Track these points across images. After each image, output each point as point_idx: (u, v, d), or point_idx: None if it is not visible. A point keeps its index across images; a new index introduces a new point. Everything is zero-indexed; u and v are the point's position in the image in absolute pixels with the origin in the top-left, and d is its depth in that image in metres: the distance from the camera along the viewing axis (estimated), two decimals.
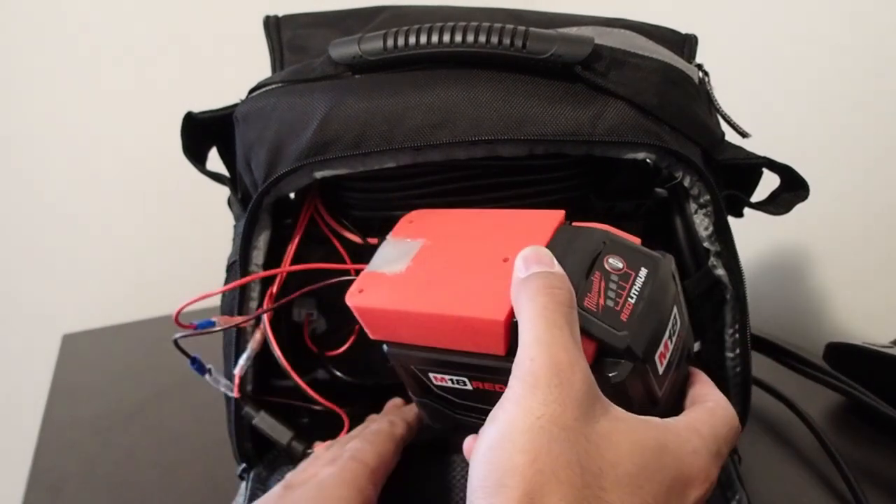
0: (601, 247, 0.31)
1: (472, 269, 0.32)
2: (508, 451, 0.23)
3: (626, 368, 0.28)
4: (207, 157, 0.43)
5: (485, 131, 0.34)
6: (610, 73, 0.35)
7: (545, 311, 0.26)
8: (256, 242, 0.39)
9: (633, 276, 0.30)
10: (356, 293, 0.34)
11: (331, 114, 0.35)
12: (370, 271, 0.35)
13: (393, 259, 0.35)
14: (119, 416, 0.61)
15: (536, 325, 0.26)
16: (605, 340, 0.28)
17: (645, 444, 0.24)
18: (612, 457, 0.23)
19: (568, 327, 0.26)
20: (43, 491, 0.51)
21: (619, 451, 0.24)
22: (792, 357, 0.52)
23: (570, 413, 0.23)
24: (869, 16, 0.59)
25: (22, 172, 0.93)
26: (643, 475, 0.24)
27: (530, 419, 0.23)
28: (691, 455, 0.25)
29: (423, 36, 0.36)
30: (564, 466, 0.22)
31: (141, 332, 0.81)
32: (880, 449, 0.48)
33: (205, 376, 0.39)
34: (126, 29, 0.93)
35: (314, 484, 0.34)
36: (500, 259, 0.32)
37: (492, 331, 0.29)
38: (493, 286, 0.30)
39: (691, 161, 0.35)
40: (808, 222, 0.67)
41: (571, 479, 0.22)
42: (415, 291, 0.33)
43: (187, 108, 0.41)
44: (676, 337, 0.31)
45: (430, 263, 0.34)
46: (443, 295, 0.32)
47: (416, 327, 0.33)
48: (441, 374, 0.34)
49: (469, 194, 0.39)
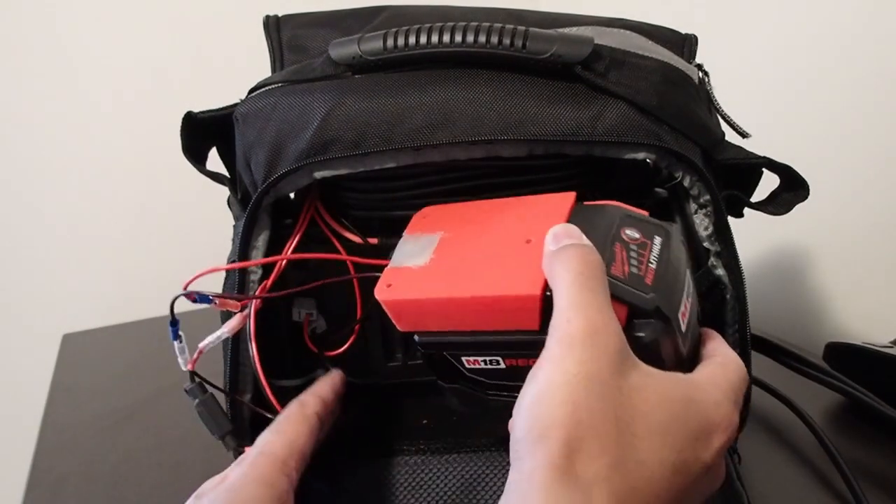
0: (616, 220, 0.33)
1: (497, 252, 0.33)
2: (548, 405, 0.25)
3: (656, 328, 0.30)
4: (207, 157, 0.43)
5: (485, 131, 0.34)
6: (610, 74, 0.35)
7: (580, 277, 0.28)
8: (255, 242, 0.39)
9: (649, 245, 0.32)
10: (384, 288, 0.34)
11: (331, 114, 0.35)
12: (393, 267, 0.36)
13: (414, 253, 0.36)
14: (119, 416, 0.61)
15: (572, 290, 0.27)
16: (634, 303, 0.30)
17: (673, 397, 0.26)
18: (644, 408, 0.25)
19: (602, 291, 0.28)
20: (43, 491, 0.51)
21: (650, 402, 0.26)
22: (792, 357, 0.52)
23: (604, 369, 0.25)
24: (869, 15, 0.59)
25: (22, 173, 0.94)
26: (672, 424, 0.26)
27: (568, 375, 0.25)
28: (714, 406, 0.27)
29: (423, 36, 0.36)
30: (601, 417, 0.24)
31: (141, 332, 0.81)
32: (880, 449, 0.48)
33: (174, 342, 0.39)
34: (126, 29, 0.93)
35: (222, 489, 0.32)
36: (522, 241, 0.33)
37: (528, 306, 0.30)
38: (522, 265, 0.31)
39: (691, 161, 0.35)
40: (808, 222, 0.67)
41: (607, 429, 0.24)
42: (444, 279, 0.33)
43: (187, 108, 0.41)
44: (692, 298, 0.33)
45: (453, 252, 0.35)
46: (473, 279, 0.32)
47: (449, 314, 0.33)
48: (474, 356, 0.34)
49: (469, 194, 0.39)
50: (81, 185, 0.96)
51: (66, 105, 0.93)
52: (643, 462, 0.24)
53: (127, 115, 0.95)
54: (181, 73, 0.96)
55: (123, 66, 0.94)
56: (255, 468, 0.33)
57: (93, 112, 0.94)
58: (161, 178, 0.94)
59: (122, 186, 0.98)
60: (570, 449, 0.24)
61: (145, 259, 1.02)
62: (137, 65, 0.94)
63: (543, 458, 0.24)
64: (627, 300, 0.30)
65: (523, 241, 0.33)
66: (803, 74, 0.66)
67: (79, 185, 0.96)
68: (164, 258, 1.02)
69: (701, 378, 0.29)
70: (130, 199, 0.99)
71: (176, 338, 0.38)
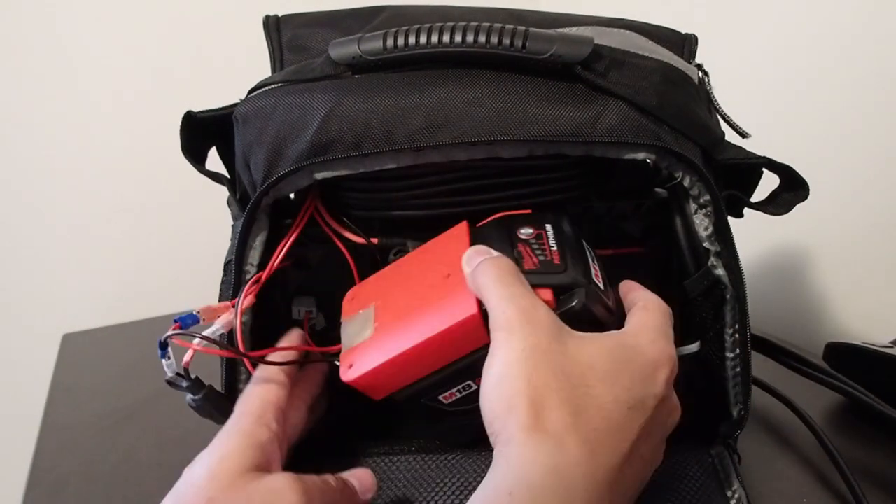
0: (509, 226, 0.37)
1: (426, 297, 0.36)
2: (508, 381, 0.28)
3: (580, 294, 0.33)
4: (207, 157, 0.43)
5: (485, 132, 0.34)
6: (610, 74, 0.35)
7: (499, 279, 0.32)
8: (253, 242, 0.39)
9: (544, 234, 0.37)
10: (347, 370, 0.37)
11: (331, 114, 0.35)
12: (346, 351, 0.38)
13: (358, 332, 0.39)
14: (119, 416, 0.61)
15: (497, 289, 0.32)
16: (554, 283, 0.34)
17: (610, 347, 0.30)
18: (588, 361, 0.29)
19: (521, 283, 0.32)
20: (43, 491, 0.51)
21: (592, 356, 0.30)
22: (792, 357, 0.52)
23: (544, 340, 0.29)
24: (869, 15, 0.59)
25: (22, 173, 0.93)
26: (616, 368, 0.29)
27: (516, 352, 0.29)
28: (649, 345, 0.31)
29: (423, 36, 0.36)
30: (553, 377, 0.28)
31: (141, 332, 0.81)
32: (880, 449, 0.48)
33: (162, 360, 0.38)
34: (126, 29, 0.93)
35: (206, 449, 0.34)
36: (442, 278, 0.36)
37: (472, 326, 0.33)
38: (451, 295, 0.35)
39: (691, 161, 0.35)
40: (808, 222, 0.67)
41: (561, 385, 0.28)
42: (393, 339, 0.36)
43: (187, 108, 0.41)
44: (597, 261, 0.38)
45: (391, 314, 0.38)
46: (418, 326, 0.35)
47: (410, 366, 0.36)
48: (448, 390, 0.37)
49: (469, 195, 0.39)
50: (81, 184, 0.96)
51: (66, 105, 0.93)
52: (600, 406, 0.28)
53: (127, 115, 0.95)
54: (181, 73, 0.96)
55: (123, 65, 0.94)
56: (233, 423, 0.35)
57: (93, 112, 0.94)
58: (161, 178, 0.94)
59: (122, 186, 0.98)
60: (535, 409, 0.27)
61: (145, 259, 1.01)
62: (137, 65, 0.94)
63: (515, 424, 0.27)
64: (548, 283, 0.34)
65: (443, 277, 0.36)
66: (803, 74, 0.66)
67: (79, 184, 0.96)
68: (164, 258, 1.02)
69: (631, 326, 0.33)
70: (130, 199, 0.99)
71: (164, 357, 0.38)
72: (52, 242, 0.97)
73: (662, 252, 0.43)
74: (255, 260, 0.39)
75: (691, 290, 0.39)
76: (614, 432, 0.28)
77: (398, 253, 0.43)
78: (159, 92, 0.94)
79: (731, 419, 0.40)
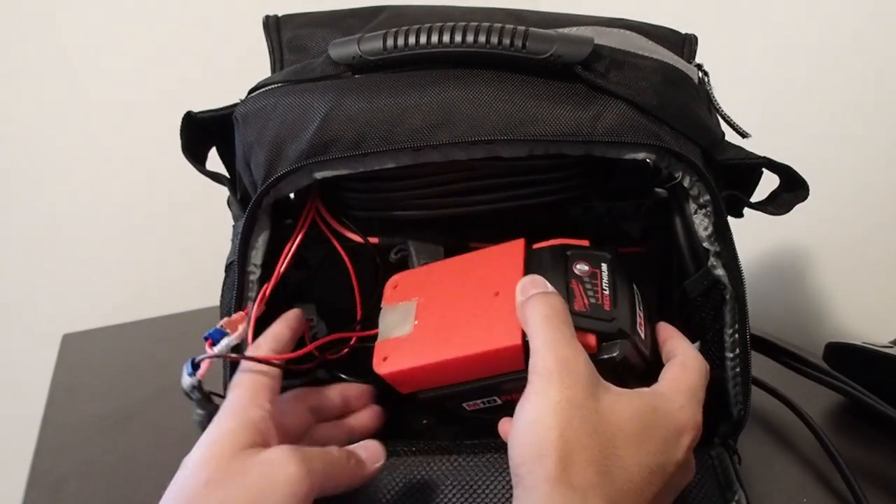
0: (565, 258, 0.38)
1: (471, 309, 0.37)
2: (540, 430, 0.29)
3: (625, 347, 0.34)
4: (207, 157, 0.43)
5: (484, 132, 0.34)
6: (610, 74, 0.35)
7: (547, 320, 0.32)
8: (255, 243, 0.39)
9: (599, 273, 0.37)
10: (381, 362, 0.38)
11: (331, 114, 0.35)
12: (383, 340, 0.39)
13: (398, 323, 0.39)
14: (119, 416, 0.61)
15: (544, 332, 0.32)
16: (600, 330, 0.35)
17: (642, 410, 0.31)
18: (618, 422, 0.30)
19: (568, 329, 0.32)
20: (43, 491, 0.51)
21: (623, 418, 0.30)
22: (792, 357, 0.52)
23: (581, 394, 0.30)
24: (869, 15, 0.59)
25: (22, 173, 0.94)
26: (644, 433, 0.30)
27: (552, 403, 0.29)
28: (678, 411, 0.32)
29: (422, 36, 0.36)
30: (584, 434, 0.29)
31: (141, 332, 0.81)
32: (880, 449, 0.48)
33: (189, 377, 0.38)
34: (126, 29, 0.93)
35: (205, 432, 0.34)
36: (491, 295, 0.37)
37: (513, 354, 0.34)
38: (497, 318, 0.36)
39: (691, 161, 0.35)
40: (808, 222, 0.67)
41: (591, 443, 0.29)
42: (432, 344, 0.37)
43: (187, 108, 0.41)
44: (644, 304, 0.38)
45: (433, 316, 0.38)
46: (459, 339, 0.36)
47: (444, 373, 0.37)
48: (473, 401, 0.39)
49: (469, 195, 0.39)
50: (81, 184, 0.96)
51: (66, 105, 0.93)
52: (625, 468, 0.29)
53: (127, 115, 0.95)
54: (181, 73, 0.96)
55: (123, 65, 0.94)
56: (225, 407, 0.35)
57: (93, 112, 0.94)
58: (161, 178, 0.94)
59: (122, 186, 0.98)
60: (564, 463, 0.28)
61: (145, 259, 1.01)
62: (137, 65, 0.94)
63: (543, 473, 0.28)
64: (594, 329, 0.35)
65: (492, 294, 0.37)
66: (803, 74, 0.66)
67: (79, 184, 0.96)
68: (164, 258, 1.02)
69: (664, 386, 0.34)
70: (130, 199, 0.99)
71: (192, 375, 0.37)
72: (52, 242, 0.97)
73: (662, 252, 0.43)
74: (257, 260, 0.39)
75: (691, 290, 0.39)
76: (634, 494, 0.29)
77: (399, 252, 0.43)
78: (159, 92, 0.94)
79: (731, 419, 0.40)
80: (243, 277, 0.39)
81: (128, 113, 0.95)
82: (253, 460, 0.31)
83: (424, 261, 0.43)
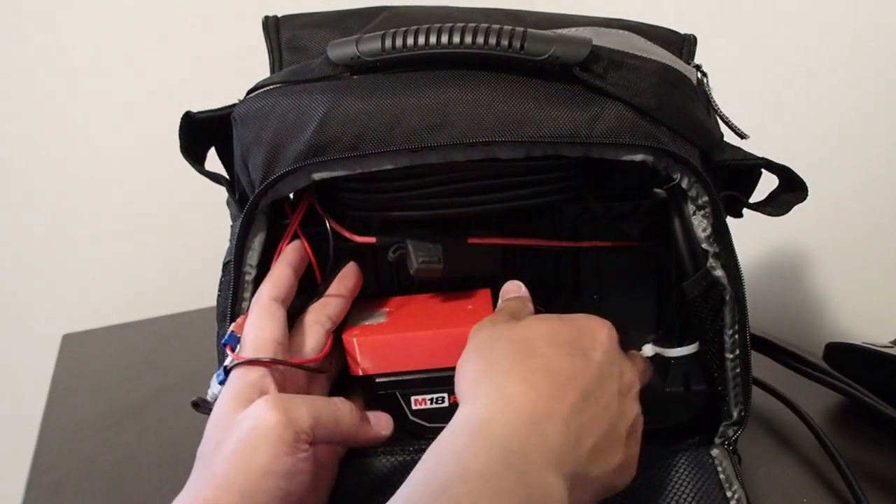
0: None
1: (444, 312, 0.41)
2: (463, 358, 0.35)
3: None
4: (206, 157, 0.43)
5: (483, 133, 0.34)
6: (608, 75, 0.35)
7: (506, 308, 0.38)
8: (251, 243, 0.39)
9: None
10: (355, 334, 0.40)
11: (329, 115, 0.35)
12: (352, 325, 0.41)
13: (369, 317, 0.42)
14: (119, 416, 0.61)
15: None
16: None
17: (550, 318, 0.36)
18: (533, 327, 0.35)
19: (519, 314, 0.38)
20: (43, 491, 0.51)
21: (537, 324, 0.35)
22: (792, 357, 0.52)
23: (500, 318, 0.37)
24: (869, 15, 0.59)
25: (22, 173, 0.94)
26: (555, 327, 0.35)
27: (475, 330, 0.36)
28: (584, 317, 0.36)
29: (421, 37, 0.35)
30: (504, 340, 0.34)
31: (141, 332, 0.81)
32: (880, 449, 0.48)
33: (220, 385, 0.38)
34: (126, 29, 0.93)
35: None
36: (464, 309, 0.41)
37: None
38: (468, 313, 0.40)
39: (689, 162, 0.35)
40: (807, 223, 0.67)
41: (507, 348, 0.34)
42: (406, 326, 0.40)
43: (186, 108, 0.41)
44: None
45: (406, 314, 0.42)
46: (433, 322, 0.39)
47: (411, 350, 0.39)
48: (424, 394, 0.40)
49: (467, 195, 0.39)
50: (81, 184, 0.96)
51: (66, 105, 0.93)
52: (542, 354, 0.33)
53: (126, 115, 0.95)
54: (181, 74, 0.96)
55: (123, 65, 0.94)
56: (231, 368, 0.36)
57: (93, 112, 0.94)
58: (161, 178, 0.94)
59: (121, 186, 0.98)
60: (484, 366, 0.33)
61: (145, 259, 1.02)
62: (137, 65, 0.94)
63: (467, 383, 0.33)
64: None
65: (465, 309, 0.41)
66: (802, 74, 0.66)
67: (79, 184, 0.96)
68: (165, 258, 1.02)
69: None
70: (130, 199, 0.99)
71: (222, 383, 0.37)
72: (52, 242, 0.97)
73: (661, 252, 0.43)
74: (253, 261, 0.39)
75: (690, 290, 0.39)
76: (554, 373, 0.32)
77: (397, 251, 0.43)
78: (159, 92, 0.94)
79: (732, 419, 0.40)
80: (239, 278, 0.39)
81: (128, 113, 0.95)
82: (241, 416, 0.33)
83: (423, 258, 0.42)
